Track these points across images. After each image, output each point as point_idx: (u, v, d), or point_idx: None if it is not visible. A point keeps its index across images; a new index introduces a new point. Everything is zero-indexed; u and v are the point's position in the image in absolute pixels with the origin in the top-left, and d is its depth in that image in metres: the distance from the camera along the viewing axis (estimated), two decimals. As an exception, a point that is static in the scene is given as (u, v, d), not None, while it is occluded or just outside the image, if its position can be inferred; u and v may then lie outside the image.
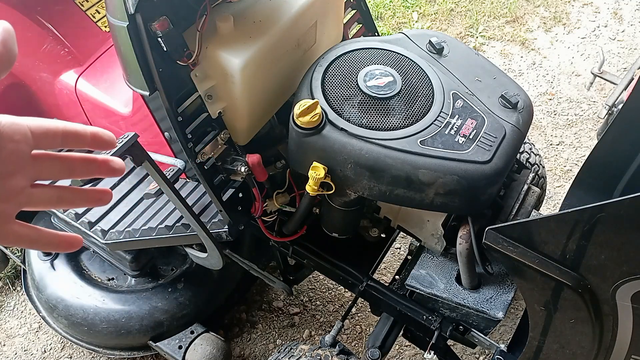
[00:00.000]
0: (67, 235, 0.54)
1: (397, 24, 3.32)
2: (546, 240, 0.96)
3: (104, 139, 0.52)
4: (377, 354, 1.45)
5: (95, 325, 1.83)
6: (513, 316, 2.09)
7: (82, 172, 0.52)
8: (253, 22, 1.27)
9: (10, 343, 2.08)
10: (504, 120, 1.20)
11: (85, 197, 0.54)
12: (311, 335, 2.10)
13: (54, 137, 0.48)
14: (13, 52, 0.45)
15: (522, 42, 3.20)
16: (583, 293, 0.97)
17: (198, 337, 1.81)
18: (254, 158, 1.30)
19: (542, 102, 2.89)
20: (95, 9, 1.73)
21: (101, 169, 0.53)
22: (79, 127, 0.50)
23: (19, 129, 0.46)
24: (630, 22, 3.33)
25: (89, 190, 0.55)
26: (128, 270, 1.85)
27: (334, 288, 2.21)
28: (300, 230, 1.50)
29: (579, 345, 1.08)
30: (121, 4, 1.06)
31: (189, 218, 1.37)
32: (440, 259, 1.42)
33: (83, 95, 1.60)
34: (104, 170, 0.53)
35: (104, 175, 0.54)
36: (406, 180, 1.14)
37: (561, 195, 2.48)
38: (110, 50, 1.67)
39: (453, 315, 1.40)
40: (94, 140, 0.51)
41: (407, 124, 1.16)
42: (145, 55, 1.13)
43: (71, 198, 0.53)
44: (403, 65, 1.25)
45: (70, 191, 0.53)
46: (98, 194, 0.55)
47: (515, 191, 1.34)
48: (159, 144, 1.37)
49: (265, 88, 1.33)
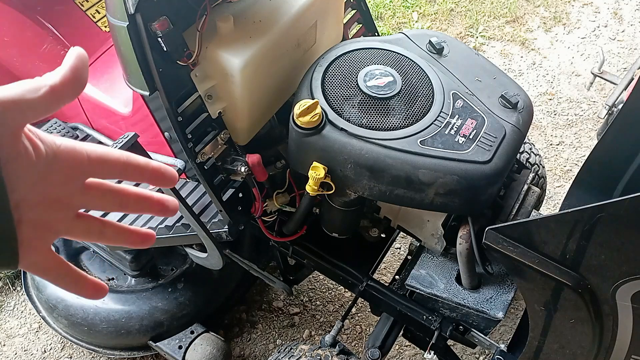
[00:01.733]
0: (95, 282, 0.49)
1: (397, 24, 3.32)
2: (546, 240, 0.96)
3: (165, 175, 0.49)
4: (377, 354, 1.45)
5: (95, 325, 1.83)
6: (513, 316, 2.09)
7: (134, 208, 0.49)
8: (253, 22, 1.27)
9: (10, 343, 2.08)
10: (504, 120, 1.20)
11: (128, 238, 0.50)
12: (311, 335, 2.10)
13: (112, 167, 0.45)
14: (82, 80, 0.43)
15: (522, 42, 3.20)
16: (583, 293, 0.97)
17: (198, 337, 1.81)
18: (254, 158, 1.30)
19: (542, 102, 2.89)
20: (95, 9, 1.73)
21: (154, 208, 0.50)
22: (141, 161, 0.47)
23: (77, 154, 0.43)
24: (630, 22, 3.33)
25: (134, 231, 0.51)
26: (128, 270, 1.85)
27: (334, 288, 2.21)
28: (300, 230, 1.50)
29: (579, 345, 1.08)
30: (121, 4, 1.06)
31: (189, 218, 1.37)
32: (440, 259, 1.42)
33: (83, 95, 1.60)
34: (157, 210, 0.50)
35: (157, 215, 0.51)
36: (406, 180, 1.14)
37: (561, 195, 2.48)
38: (110, 50, 1.67)
39: (453, 315, 1.40)
40: (154, 175, 0.48)
41: (407, 124, 1.16)
42: (145, 55, 1.13)
43: (113, 236, 0.49)
44: (403, 65, 1.25)
45: (114, 229, 0.49)
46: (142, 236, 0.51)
47: (515, 191, 1.34)
48: (159, 144, 1.37)
49: (265, 88, 1.33)
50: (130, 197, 0.48)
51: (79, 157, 0.43)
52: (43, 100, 0.40)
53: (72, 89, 0.42)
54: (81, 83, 0.43)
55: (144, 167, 0.47)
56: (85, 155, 0.43)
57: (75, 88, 0.42)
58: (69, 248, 1.98)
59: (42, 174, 0.41)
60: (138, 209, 0.49)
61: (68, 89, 0.42)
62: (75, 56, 0.43)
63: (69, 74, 0.42)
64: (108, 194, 0.47)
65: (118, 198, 0.47)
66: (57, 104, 0.41)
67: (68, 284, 0.48)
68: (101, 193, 0.46)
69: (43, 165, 0.41)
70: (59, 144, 0.42)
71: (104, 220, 0.49)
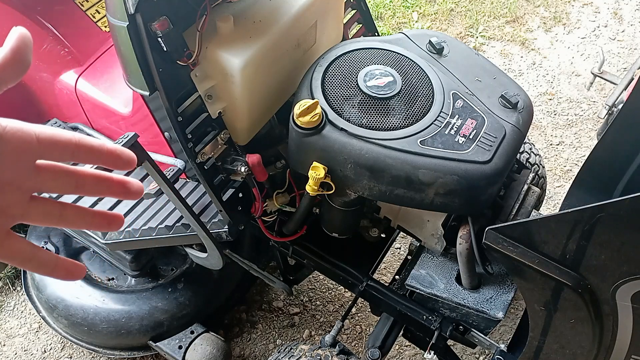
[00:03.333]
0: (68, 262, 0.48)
1: (397, 24, 3.32)
2: (546, 240, 0.96)
3: (122, 157, 0.47)
4: (377, 354, 1.45)
5: (95, 325, 1.83)
6: (513, 316, 2.09)
7: (92, 190, 0.47)
8: (253, 22, 1.27)
9: (10, 343, 2.08)
10: (504, 120, 1.20)
11: (90, 220, 0.49)
12: (311, 335, 2.10)
13: (63, 148, 0.44)
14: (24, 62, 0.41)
15: (522, 42, 3.20)
16: (583, 293, 0.97)
17: (198, 337, 1.81)
18: (254, 158, 1.30)
19: (542, 102, 2.89)
20: (95, 9, 1.73)
21: (114, 189, 0.47)
22: (95, 142, 0.45)
23: (25, 136, 0.42)
24: (630, 22, 3.33)
25: (97, 212, 0.49)
26: (128, 270, 1.85)
27: (334, 288, 2.21)
28: (300, 230, 1.50)
29: (579, 345, 1.08)
30: (121, 4, 1.06)
31: (189, 218, 1.37)
32: (440, 259, 1.42)
33: (83, 95, 1.60)
34: (118, 192, 0.48)
35: (117, 197, 0.48)
36: (406, 180, 1.14)
37: (561, 195, 2.48)
38: (110, 50, 1.67)
39: (453, 315, 1.40)
40: (109, 157, 0.46)
41: (407, 124, 1.16)
42: (145, 55, 1.13)
43: (74, 218, 0.47)
44: (403, 65, 1.25)
45: (75, 210, 0.47)
46: (107, 218, 0.49)
47: (515, 191, 1.34)
48: (159, 144, 1.37)
49: (265, 88, 1.33)
50: (87, 178, 0.46)
51: (27, 138, 0.42)
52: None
53: (13, 71, 0.41)
54: (23, 65, 0.41)
55: (97, 148, 0.45)
56: (34, 136, 0.42)
57: (17, 70, 0.41)
58: (68, 248, 1.98)
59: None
60: (96, 191, 0.47)
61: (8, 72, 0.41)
62: (17, 37, 0.41)
63: (9, 55, 0.40)
64: (62, 175, 0.45)
65: (73, 179, 0.46)
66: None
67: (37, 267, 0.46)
68: (54, 175, 0.45)
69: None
70: (4, 126, 0.41)
71: (63, 203, 0.47)
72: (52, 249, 1.96)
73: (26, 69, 0.42)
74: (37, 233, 2.01)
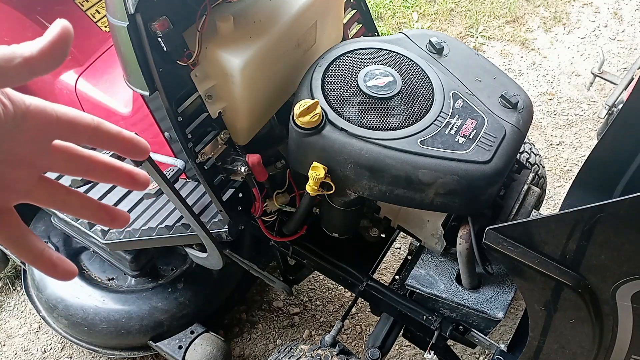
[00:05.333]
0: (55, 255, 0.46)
1: (397, 24, 3.32)
2: (546, 240, 0.96)
3: (137, 147, 0.47)
4: (377, 354, 1.45)
5: (95, 325, 1.83)
6: (513, 316, 2.09)
7: (101, 176, 0.47)
8: (253, 22, 1.27)
9: (10, 343, 2.08)
10: (504, 120, 1.20)
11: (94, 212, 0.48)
12: (311, 335, 2.10)
13: (82, 132, 0.44)
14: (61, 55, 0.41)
15: (522, 42, 3.20)
16: (583, 293, 0.97)
17: (198, 337, 1.81)
18: (254, 158, 1.30)
19: (542, 102, 2.89)
20: (95, 9, 1.73)
21: (122, 179, 0.48)
22: (113, 129, 0.46)
23: (47, 115, 0.42)
24: (630, 22, 3.33)
25: (102, 205, 0.49)
26: (128, 270, 1.85)
27: (334, 288, 2.21)
28: (300, 230, 1.50)
29: (579, 345, 1.08)
30: (121, 4, 1.06)
31: (189, 218, 1.37)
32: (440, 259, 1.42)
33: (83, 95, 1.60)
34: (126, 182, 0.48)
35: (125, 187, 0.49)
36: (406, 180, 1.14)
37: (561, 195, 2.48)
38: (110, 50, 1.67)
39: (453, 315, 1.40)
40: (126, 145, 0.46)
41: (407, 124, 1.16)
42: (145, 55, 1.13)
43: (77, 206, 0.47)
44: (403, 65, 1.25)
45: (80, 198, 0.47)
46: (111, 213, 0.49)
47: (515, 191, 1.34)
48: (159, 144, 1.37)
49: (265, 88, 1.33)
50: (98, 164, 0.46)
51: (49, 117, 0.42)
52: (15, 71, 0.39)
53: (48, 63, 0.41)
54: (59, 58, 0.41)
55: (115, 135, 0.46)
56: (55, 116, 0.42)
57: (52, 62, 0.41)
58: (68, 248, 1.98)
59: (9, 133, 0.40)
60: (105, 178, 0.47)
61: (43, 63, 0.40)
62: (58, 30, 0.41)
63: (47, 47, 0.40)
64: (75, 158, 0.45)
65: (85, 163, 0.46)
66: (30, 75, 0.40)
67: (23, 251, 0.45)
68: (67, 156, 0.45)
69: (11, 125, 0.40)
70: (29, 104, 0.41)
71: (70, 189, 0.47)
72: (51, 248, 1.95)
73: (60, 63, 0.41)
74: (38, 233, 2.01)
